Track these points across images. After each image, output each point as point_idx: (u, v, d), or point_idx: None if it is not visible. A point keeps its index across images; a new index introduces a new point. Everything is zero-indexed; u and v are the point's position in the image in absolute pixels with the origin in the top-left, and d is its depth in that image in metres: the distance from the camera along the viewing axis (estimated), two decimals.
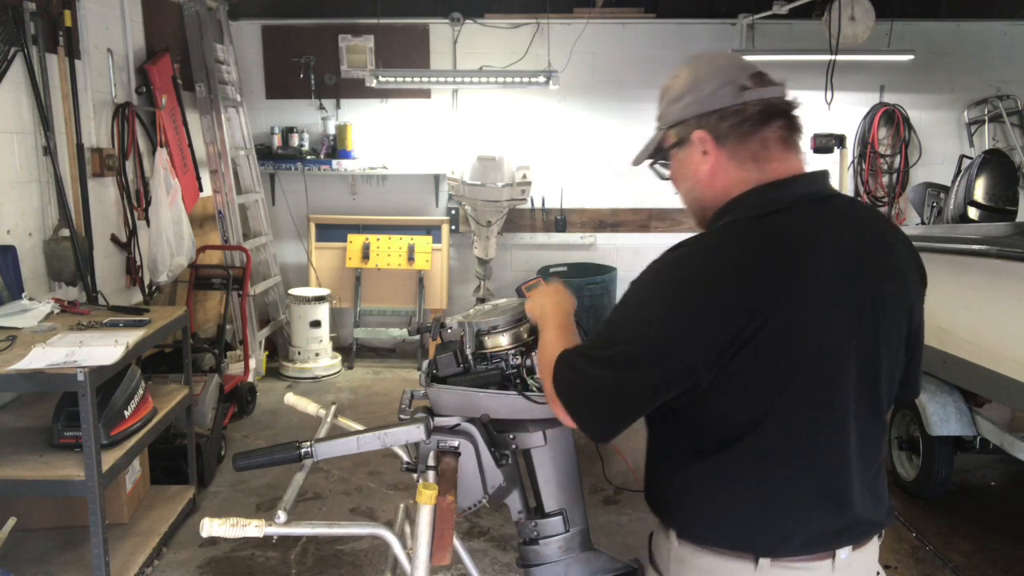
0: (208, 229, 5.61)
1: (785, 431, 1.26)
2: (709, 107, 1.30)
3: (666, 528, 1.42)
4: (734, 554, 1.31)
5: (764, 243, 1.24)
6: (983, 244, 3.39)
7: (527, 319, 1.83)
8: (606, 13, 6.04)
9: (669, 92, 1.38)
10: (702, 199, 1.37)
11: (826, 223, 1.29)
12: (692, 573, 1.37)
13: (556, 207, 6.29)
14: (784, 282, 1.22)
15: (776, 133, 1.31)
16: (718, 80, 1.31)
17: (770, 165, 1.30)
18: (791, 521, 1.29)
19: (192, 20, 5.27)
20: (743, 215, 1.28)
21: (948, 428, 3.58)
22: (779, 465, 1.28)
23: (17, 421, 3.13)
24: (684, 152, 1.36)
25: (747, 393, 1.24)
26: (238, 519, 1.50)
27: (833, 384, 1.27)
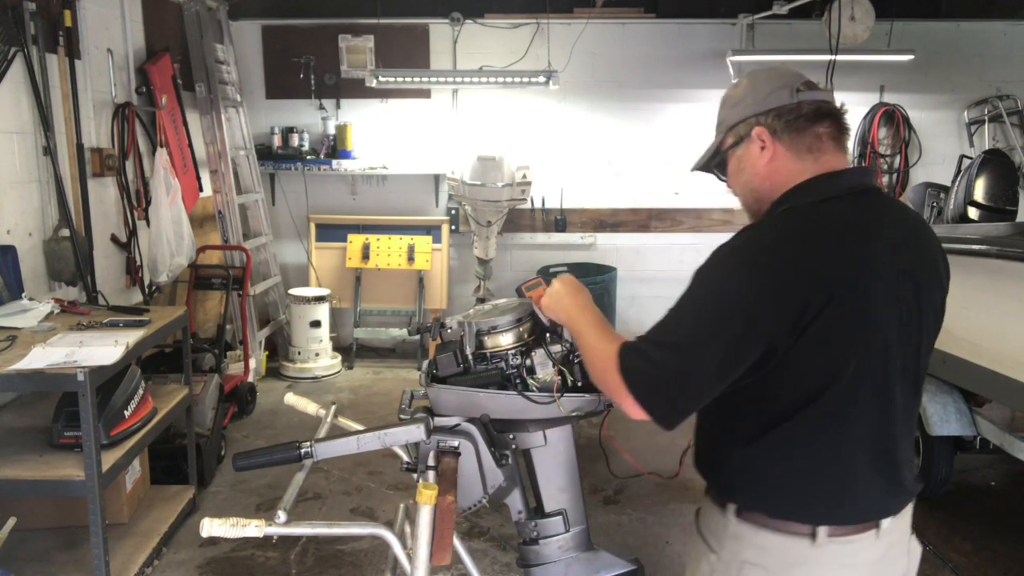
0: (208, 229, 5.61)
1: (846, 403, 1.35)
2: (766, 106, 1.44)
3: (723, 504, 1.47)
4: (792, 530, 1.39)
5: (827, 225, 1.36)
6: (983, 244, 3.38)
7: (527, 319, 1.83)
8: (606, 13, 6.04)
9: (730, 99, 1.52)
10: (760, 190, 1.48)
11: (877, 211, 1.42)
12: (749, 550, 1.42)
13: (556, 207, 6.29)
14: (846, 260, 1.33)
15: (827, 131, 1.43)
16: (774, 83, 1.46)
17: (824, 158, 1.43)
18: (847, 489, 1.39)
19: (192, 20, 5.27)
20: (803, 201, 1.40)
21: (948, 428, 3.58)
22: (839, 435, 1.37)
23: (17, 421, 3.14)
24: (743, 149, 1.48)
25: (813, 366, 1.33)
26: (238, 519, 1.50)
27: (886, 359, 1.38)
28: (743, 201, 1.55)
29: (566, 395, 1.71)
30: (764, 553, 1.42)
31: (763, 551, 1.42)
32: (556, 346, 1.75)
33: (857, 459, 1.39)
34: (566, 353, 1.75)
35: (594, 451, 1.94)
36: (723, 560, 1.46)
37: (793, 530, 1.39)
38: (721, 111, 1.54)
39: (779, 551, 1.41)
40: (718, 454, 1.49)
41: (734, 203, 1.61)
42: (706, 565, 1.50)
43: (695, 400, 1.36)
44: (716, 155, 1.55)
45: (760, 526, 1.41)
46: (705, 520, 1.54)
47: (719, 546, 1.47)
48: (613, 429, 1.58)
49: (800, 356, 1.32)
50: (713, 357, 1.32)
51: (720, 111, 1.54)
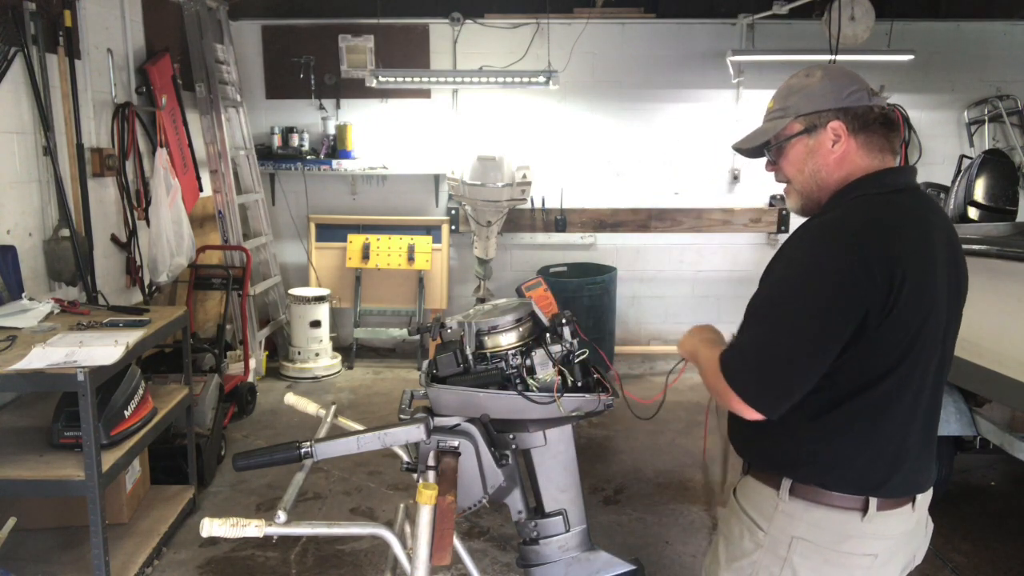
0: (208, 229, 5.61)
1: (905, 383, 1.47)
2: (846, 103, 1.54)
3: (775, 481, 1.54)
4: (843, 505, 1.48)
5: (899, 214, 1.48)
6: (983, 244, 3.38)
7: (527, 319, 1.83)
8: (606, 13, 6.04)
9: (803, 87, 1.58)
10: (826, 180, 1.56)
11: (930, 206, 1.56)
12: (801, 526, 1.51)
13: (556, 207, 6.29)
14: (918, 246, 1.44)
15: (889, 134, 1.56)
16: (854, 84, 1.56)
17: (886, 156, 1.56)
18: (900, 463, 1.50)
19: (192, 20, 5.27)
20: (871, 191, 1.51)
21: (948, 428, 3.57)
22: (898, 413, 1.48)
23: (17, 421, 3.14)
24: (814, 139, 1.56)
25: (884, 347, 1.43)
26: (238, 519, 1.50)
27: (936, 344, 1.50)
28: (802, 186, 1.60)
29: (566, 395, 1.71)
30: (815, 528, 1.50)
31: (814, 527, 1.50)
32: (556, 346, 1.75)
33: (910, 436, 1.50)
34: (566, 353, 1.75)
35: (594, 451, 1.93)
36: (772, 536, 1.53)
37: (845, 504, 1.49)
38: (787, 97, 1.59)
39: (830, 526, 1.49)
40: (774, 433, 1.52)
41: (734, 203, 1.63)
42: (750, 542, 1.57)
43: (798, 384, 1.43)
44: (776, 138, 1.60)
45: (812, 502, 1.50)
46: (749, 498, 1.60)
47: (767, 523, 1.54)
48: (613, 429, 1.59)
49: (880, 336, 1.41)
50: (808, 338, 1.41)
51: (785, 97, 1.60)
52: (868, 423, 1.47)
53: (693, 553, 3.32)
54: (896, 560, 1.57)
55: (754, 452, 1.61)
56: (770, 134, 1.60)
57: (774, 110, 1.62)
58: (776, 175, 1.65)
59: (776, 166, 1.63)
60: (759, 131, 1.64)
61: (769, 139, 1.61)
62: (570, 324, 1.78)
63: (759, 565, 1.55)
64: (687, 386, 5.76)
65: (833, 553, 1.50)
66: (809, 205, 1.60)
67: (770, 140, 1.61)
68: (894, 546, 1.54)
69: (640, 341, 6.44)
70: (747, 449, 1.63)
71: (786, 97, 1.60)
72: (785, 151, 1.59)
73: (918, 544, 1.64)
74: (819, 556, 1.50)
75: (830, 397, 1.46)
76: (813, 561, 1.50)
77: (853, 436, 1.48)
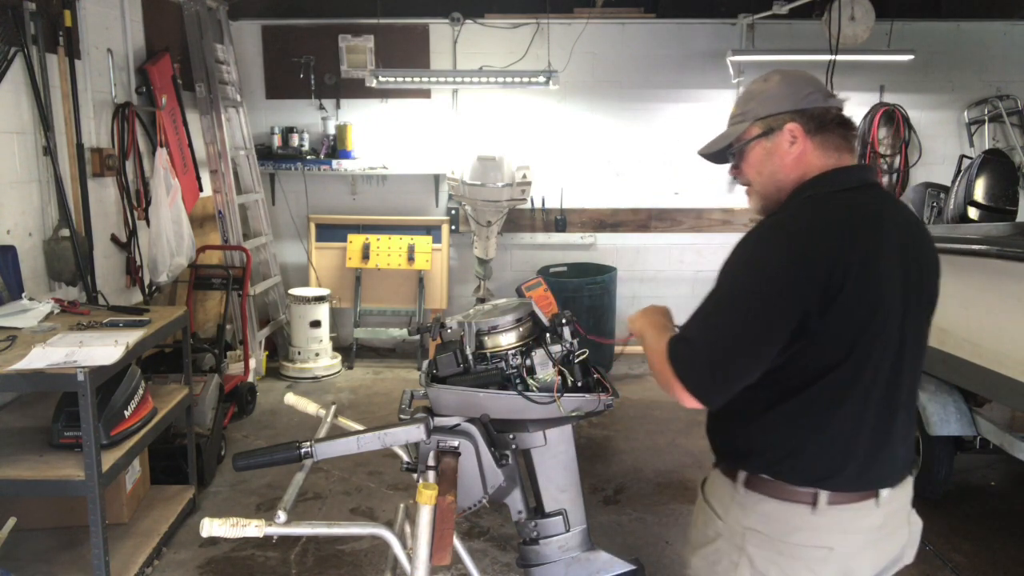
0: (208, 229, 5.61)
1: (853, 378, 1.48)
2: (802, 105, 1.58)
3: (733, 473, 1.59)
4: (794, 498, 1.52)
5: (846, 211, 1.50)
6: (983, 244, 3.38)
7: (527, 319, 1.83)
8: (606, 13, 6.04)
9: (760, 91, 1.63)
10: (784, 180, 1.60)
11: (884, 201, 1.58)
12: (753, 517, 1.55)
13: (556, 207, 6.29)
14: (862, 243, 1.46)
15: (846, 133, 1.62)
16: (810, 87, 1.61)
17: (842, 156, 1.59)
18: (848, 458, 1.51)
19: (192, 20, 5.27)
20: (823, 191, 1.54)
21: (948, 428, 3.58)
22: (844, 409, 1.49)
23: (17, 421, 3.13)
24: (771, 141, 1.60)
25: (831, 342, 1.46)
26: (238, 519, 1.50)
27: (892, 336, 1.50)
28: (761, 187, 1.64)
29: (566, 395, 1.71)
30: (766, 520, 1.54)
31: (766, 518, 1.54)
32: (556, 346, 1.75)
33: (862, 430, 1.51)
34: (566, 353, 1.75)
35: (594, 451, 1.94)
36: (728, 526, 1.59)
37: (796, 498, 1.52)
38: (747, 102, 1.64)
39: (781, 518, 1.53)
40: (731, 426, 1.60)
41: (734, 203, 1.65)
42: (712, 530, 1.62)
43: (736, 376, 1.46)
44: (737, 142, 1.64)
45: (765, 495, 1.54)
46: (712, 489, 1.66)
47: (725, 513, 1.60)
48: (613, 429, 1.59)
49: (821, 333, 1.44)
50: (752, 334, 1.44)
51: (745, 102, 1.64)
52: (816, 417, 1.50)
53: None
54: (866, 556, 1.57)
55: (717, 445, 1.66)
56: (730, 139, 1.64)
57: (735, 115, 1.66)
58: (739, 178, 1.69)
59: (738, 169, 1.67)
60: (721, 136, 1.67)
61: (731, 143, 1.65)
62: (570, 324, 1.78)
63: (721, 553, 1.60)
64: None
65: (784, 544, 1.53)
66: (769, 205, 1.64)
67: (731, 144, 1.65)
68: (861, 541, 1.54)
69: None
70: (712, 442, 1.68)
71: (745, 102, 1.64)
72: (745, 154, 1.63)
73: (901, 542, 1.63)
74: (772, 547, 1.54)
75: (779, 390, 1.50)
76: (767, 552, 1.54)
77: (801, 429, 1.51)
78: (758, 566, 1.55)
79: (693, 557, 1.68)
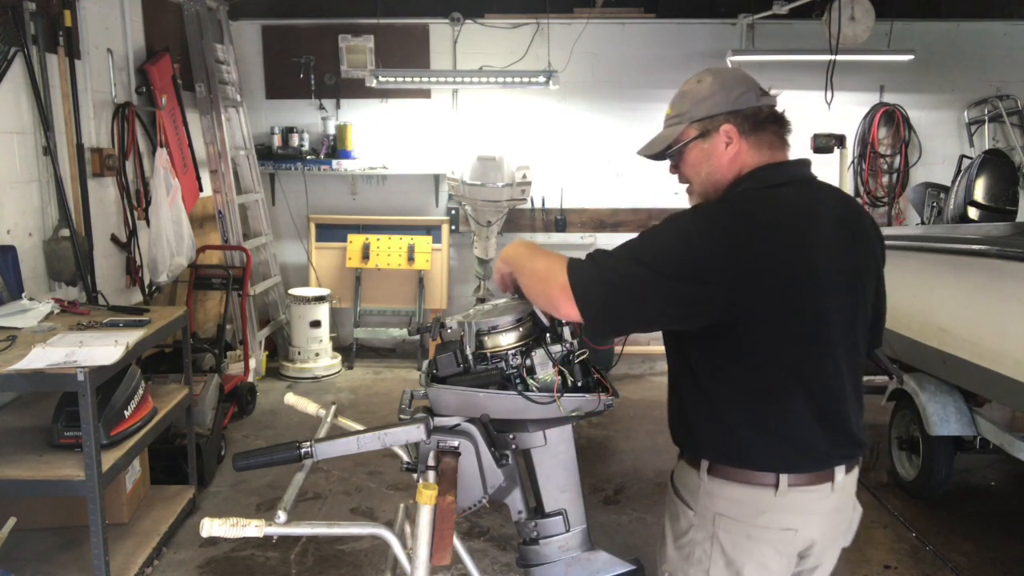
0: (208, 229, 5.61)
1: (795, 366, 1.53)
2: (736, 106, 1.61)
3: (696, 464, 1.63)
4: (757, 482, 1.57)
5: (772, 204, 1.55)
6: (983, 244, 3.38)
7: (527, 319, 1.83)
8: (606, 13, 6.04)
9: (695, 93, 1.66)
10: (721, 179, 1.63)
11: (816, 195, 1.63)
12: (721, 502, 1.60)
13: (556, 207, 6.29)
14: (788, 233, 1.51)
15: (780, 130, 1.64)
16: (742, 87, 1.63)
17: (775, 153, 1.63)
18: (802, 442, 1.56)
19: (192, 20, 5.27)
20: (754, 186, 1.58)
21: (948, 428, 3.58)
22: (790, 395, 1.54)
23: (17, 421, 3.13)
24: (708, 143, 1.63)
25: (753, 337, 1.50)
26: (238, 519, 1.50)
27: (826, 322, 1.54)
28: (700, 187, 1.67)
29: (566, 395, 1.71)
30: (734, 504, 1.59)
31: (733, 503, 1.59)
32: (556, 346, 1.75)
33: (808, 416, 1.55)
34: (566, 353, 1.75)
35: (594, 451, 1.94)
36: (699, 514, 1.63)
37: (758, 481, 1.57)
38: (682, 103, 1.68)
39: (747, 501, 1.58)
40: (689, 419, 1.65)
41: None
42: (685, 521, 1.66)
43: (627, 320, 1.49)
44: (675, 144, 1.68)
45: (729, 480, 1.59)
46: (680, 481, 1.70)
47: (694, 502, 1.64)
48: (613, 429, 1.59)
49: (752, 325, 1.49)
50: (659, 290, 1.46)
51: (680, 103, 1.69)
52: (760, 406, 1.54)
53: None
54: (825, 537, 1.65)
55: (679, 437, 1.70)
56: (668, 140, 1.68)
57: (671, 116, 1.70)
58: (679, 178, 1.73)
59: (677, 169, 1.72)
60: (658, 138, 1.71)
61: (668, 145, 1.68)
62: (570, 324, 1.78)
63: (695, 542, 1.64)
64: None
65: (752, 527, 1.58)
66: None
67: (670, 146, 1.68)
68: (820, 523, 1.61)
69: (640, 341, 6.42)
70: (674, 435, 1.72)
71: (680, 103, 1.69)
72: (684, 155, 1.67)
73: (848, 528, 1.72)
74: (740, 531, 1.59)
75: (722, 385, 1.56)
76: (736, 536, 1.59)
77: (751, 418, 1.55)
78: (728, 552, 1.59)
79: (669, 550, 1.71)
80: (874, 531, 3.55)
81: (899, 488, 3.94)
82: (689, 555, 1.65)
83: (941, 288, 3.55)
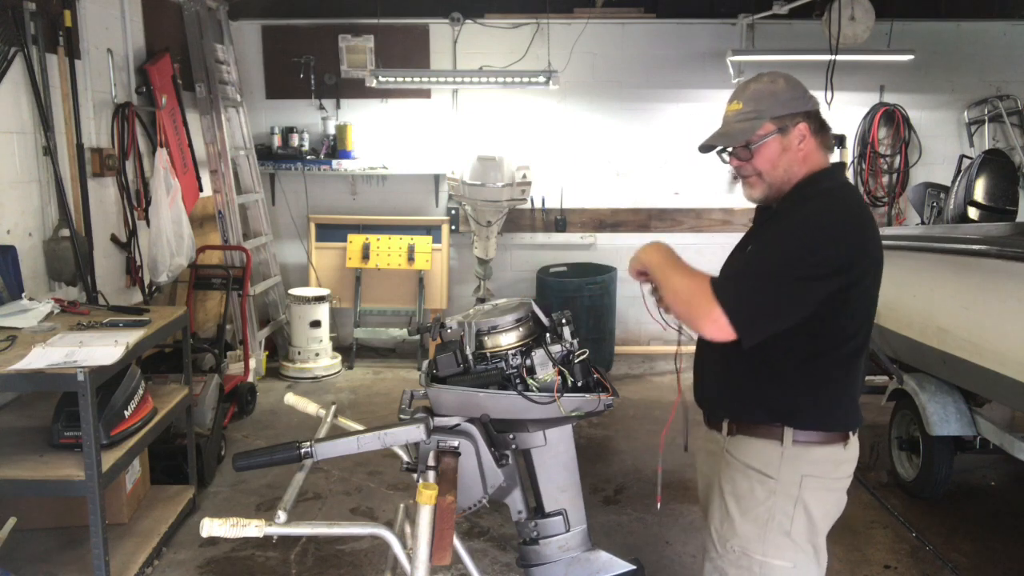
0: (208, 229, 5.61)
1: (865, 340, 1.80)
2: (810, 107, 1.81)
3: (776, 433, 1.79)
4: (833, 441, 1.79)
5: (859, 201, 1.84)
6: (983, 244, 3.38)
7: (527, 319, 1.83)
8: (606, 13, 6.04)
9: (771, 92, 1.80)
10: (795, 174, 1.81)
11: None
12: (805, 465, 1.77)
13: (556, 207, 6.29)
14: (876, 232, 1.76)
15: (829, 133, 1.85)
16: (803, 90, 1.83)
17: (828, 153, 1.86)
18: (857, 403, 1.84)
19: (192, 20, 5.27)
20: (836, 184, 1.82)
21: (948, 428, 3.58)
22: (860, 364, 1.82)
23: (17, 421, 3.13)
24: (786, 138, 1.79)
25: (857, 312, 1.74)
26: (238, 519, 1.50)
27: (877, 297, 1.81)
28: (774, 179, 1.81)
29: (566, 395, 1.71)
30: (817, 464, 1.78)
31: (816, 463, 1.78)
32: (556, 346, 1.75)
33: (862, 379, 1.86)
34: (566, 353, 1.75)
35: (594, 451, 1.94)
36: (783, 480, 1.78)
37: (834, 440, 1.79)
38: (757, 101, 1.80)
39: (828, 458, 1.79)
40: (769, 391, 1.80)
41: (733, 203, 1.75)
42: (763, 491, 1.79)
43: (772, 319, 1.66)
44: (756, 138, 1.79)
45: (810, 444, 1.78)
46: (750, 453, 1.82)
47: (775, 471, 1.78)
48: (613, 429, 1.61)
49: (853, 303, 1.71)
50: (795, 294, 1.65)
51: (755, 100, 1.80)
52: (844, 373, 1.78)
53: (693, 553, 3.32)
54: None
55: (746, 409, 1.84)
56: (748, 134, 1.79)
57: (745, 112, 1.81)
58: (740, 168, 1.85)
59: (746, 161, 1.83)
60: (736, 131, 1.81)
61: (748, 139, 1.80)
62: (569, 324, 1.78)
63: (775, 509, 1.78)
64: (686, 386, 5.76)
65: (831, 480, 1.80)
66: (772, 195, 1.84)
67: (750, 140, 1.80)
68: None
69: (640, 341, 6.44)
70: (735, 408, 1.87)
71: (755, 100, 1.80)
72: (760, 149, 1.80)
73: None
74: (822, 486, 1.78)
75: (814, 353, 1.75)
76: (817, 491, 1.78)
77: (835, 385, 1.78)
78: (810, 508, 1.77)
79: (739, 525, 1.81)
80: (874, 531, 3.55)
81: (899, 488, 3.94)
82: (768, 521, 1.78)
83: (941, 288, 3.55)
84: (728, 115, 1.85)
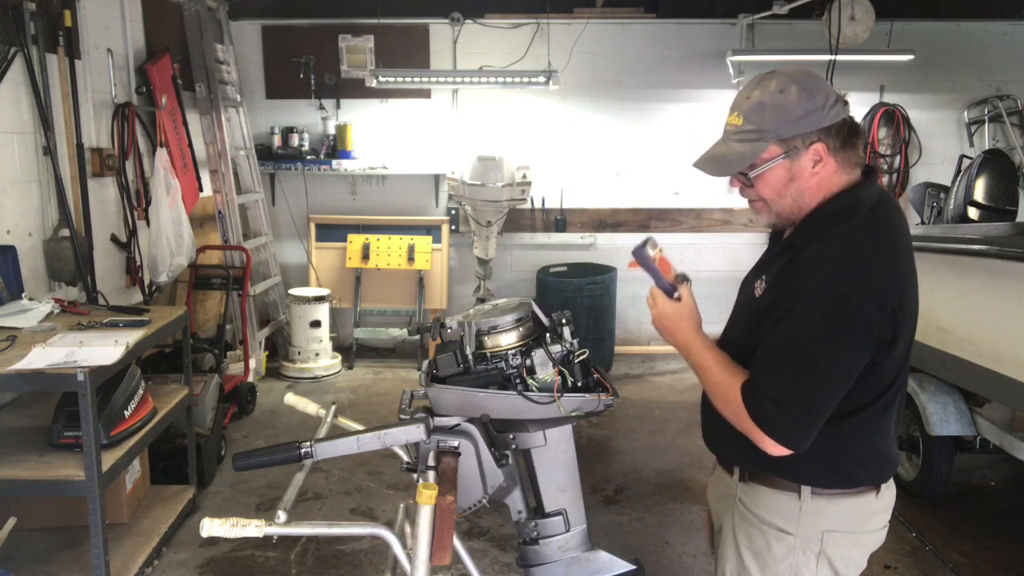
0: (208, 229, 5.61)
1: (901, 385, 1.56)
2: (827, 123, 1.46)
3: (794, 487, 1.57)
4: (862, 492, 1.58)
5: (889, 235, 1.49)
6: (983, 244, 3.38)
7: (527, 319, 1.83)
8: (606, 13, 6.04)
9: (781, 106, 1.46)
10: (808, 202, 1.52)
11: (897, 211, 1.56)
12: (827, 520, 1.57)
13: (556, 207, 6.29)
14: (908, 269, 1.51)
15: (859, 143, 1.53)
16: (825, 93, 1.47)
17: (857, 168, 1.53)
18: (893, 452, 1.62)
19: (192, 20, 5.27)
20: (860, 212, 1.48)
21: (948, 428, 3.58)
22: (891, 417, 1.57)
23: (17, 421, 3.13)
24: (795, 163, 1.49)
25: (892, 364, 1.49)
26: (238, 519, 1.50)
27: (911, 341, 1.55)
28: (781, 207, 1.54)
29: (566, 395, 1.71)
30: (841, 517, 1.57)
31: (839, 516, 1.57)
32: (556, 346, 1.75)
33: (898, 424, 1.62)
34: (566, 353, 1.75)
35: (594, 451, 1.93)
36: (802, 536, 1.57)
37: (862, 491, 1.58)
38: (763, 117, 1.47)
39: (854, 511, 1.58)
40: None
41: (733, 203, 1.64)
42: (781, 548, 1.59)
43: (824, 415, 1.46)
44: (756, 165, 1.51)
45: (834, 496, 1.56)
46: (767, 507, 1.61)
47: (794, 526, 1.58)
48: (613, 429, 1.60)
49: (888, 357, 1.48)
50: (836, 376, 1.43)
51: (760, 116, 1.47)
52: (874, 430, 1.55)
53: (693, 553, 3.32)
54: None
55: (761, 463, 1.57)
56: (747, 159, 1.50)
57: (746, 130, 1.49)
58: (743, 192, 1.58)
59: (748, 188, 1.55)
60: (733, 156, 1.51)
61: (748, 165, 1.51)
62: (569, 324, 1.78)
63: (797, 564, 1.59)
64: (686, 386, 5.78)
65: (859, 534, 1.60)
66: (782, 223, 1.58)
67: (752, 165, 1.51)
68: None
69: (640, 341, 6.44)
70: (747, 458, 1.60)
71: (760, 116, 1.47)
72: (763, 175, 1.51)
73: None
74: (848, 540, 1.59)
75: (845, 410, 1.49)
76: (843, 547, 1.58)
77: (866, 438, 1.55)
78: (835, 563, 1.58)
79: None
80: None
81: (899, 488, 3.93)
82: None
83: (941, 288, 3.55)
84: (727, 130, 1.54)
